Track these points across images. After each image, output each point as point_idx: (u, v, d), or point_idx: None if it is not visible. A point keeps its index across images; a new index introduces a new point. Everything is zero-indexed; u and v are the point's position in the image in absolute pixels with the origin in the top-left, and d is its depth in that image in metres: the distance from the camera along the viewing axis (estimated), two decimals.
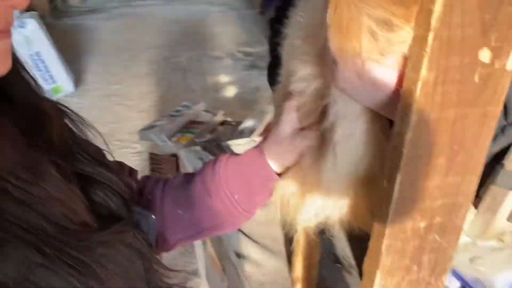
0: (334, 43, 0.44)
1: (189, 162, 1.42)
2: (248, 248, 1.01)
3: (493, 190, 0.58)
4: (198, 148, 1.49)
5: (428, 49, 0.36)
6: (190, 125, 2.26)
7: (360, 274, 0.94)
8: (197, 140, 1.64)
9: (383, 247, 0.46)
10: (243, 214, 0.68)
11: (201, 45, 4.47)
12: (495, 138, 0.54)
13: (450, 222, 0.47)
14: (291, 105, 0.63)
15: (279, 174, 0.67)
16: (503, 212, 0.59)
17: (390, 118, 0.52)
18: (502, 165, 0.57)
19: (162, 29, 4.90)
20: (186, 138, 2.07)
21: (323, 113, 0.58)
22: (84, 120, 0.57)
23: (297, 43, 0.55)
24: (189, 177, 0.71)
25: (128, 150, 2.70)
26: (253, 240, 1.04)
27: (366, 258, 0.51)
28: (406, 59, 0.40)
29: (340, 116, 0.54)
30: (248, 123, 1.91)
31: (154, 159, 2.15)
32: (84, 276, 0.43)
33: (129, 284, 0.48)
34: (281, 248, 1.02)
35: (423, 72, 0.37)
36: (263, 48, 4.26)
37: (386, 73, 0.44)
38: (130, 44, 4.50)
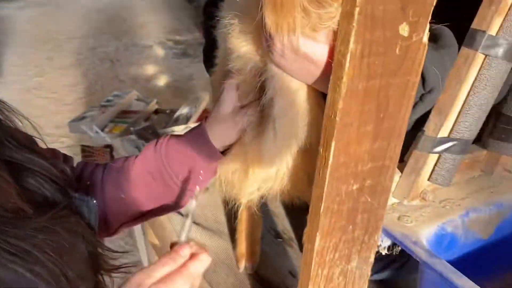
0: (269, 20, 0.46)
1: (125, 151, 1.39)
2: (193, 231, 1.02)
3: (415, 154, 0.65)
4: (133, 136, 1.46)
5: (354, 24, 0.40)
6: (123, 115, 2.20)
7: (300, 246, 0.99)
8: (132, 128, 1.61)
9: (322, 210, 0.50)
10: (188, 193, 0.69)
11: (129, 34, 4.32)
12: (415, 106, 0.60)
13: (379, 184, 0.52)
14: (231, 83, 0.65)
15: (222, 152, 0.69)
16: (425, 174, 0.66)
17: (323, 91, 0.55)
18: (422, 131, 0.63)
19: (85, 18, 4.67)
20: (120, 128, 2.02)
21: (262, 89, 0.60)
22: (10, 107, 0.54)
23: (233, 22, 0.57)
24: (130, 160, 0.71)
25: (56, 144, 2.57)
26: (197, 223, 1.05)
27: (307, 222, 0.54)
28: (335, 33, 0.44)
29: (277, 91, 0.57)
30: (183, 110, 1.90)
31: (86, 151, 2.07)
32: (28, 263, 0.42)
33: (73, 268, 0.48)
34: (224, 228, 1.05)
35: (351, 45, 0.41)
36: (193, 36, 4.22)
37: (318, 47, 0.47)
38: (51, 34, 4.24)
